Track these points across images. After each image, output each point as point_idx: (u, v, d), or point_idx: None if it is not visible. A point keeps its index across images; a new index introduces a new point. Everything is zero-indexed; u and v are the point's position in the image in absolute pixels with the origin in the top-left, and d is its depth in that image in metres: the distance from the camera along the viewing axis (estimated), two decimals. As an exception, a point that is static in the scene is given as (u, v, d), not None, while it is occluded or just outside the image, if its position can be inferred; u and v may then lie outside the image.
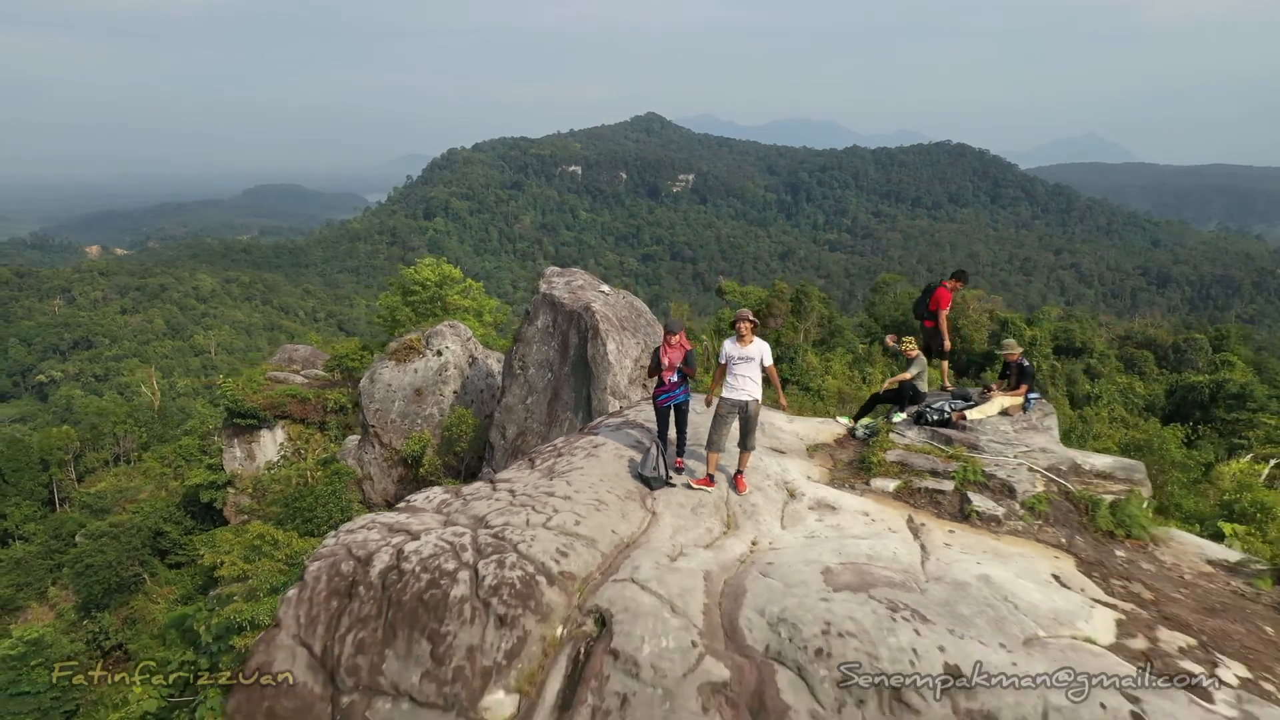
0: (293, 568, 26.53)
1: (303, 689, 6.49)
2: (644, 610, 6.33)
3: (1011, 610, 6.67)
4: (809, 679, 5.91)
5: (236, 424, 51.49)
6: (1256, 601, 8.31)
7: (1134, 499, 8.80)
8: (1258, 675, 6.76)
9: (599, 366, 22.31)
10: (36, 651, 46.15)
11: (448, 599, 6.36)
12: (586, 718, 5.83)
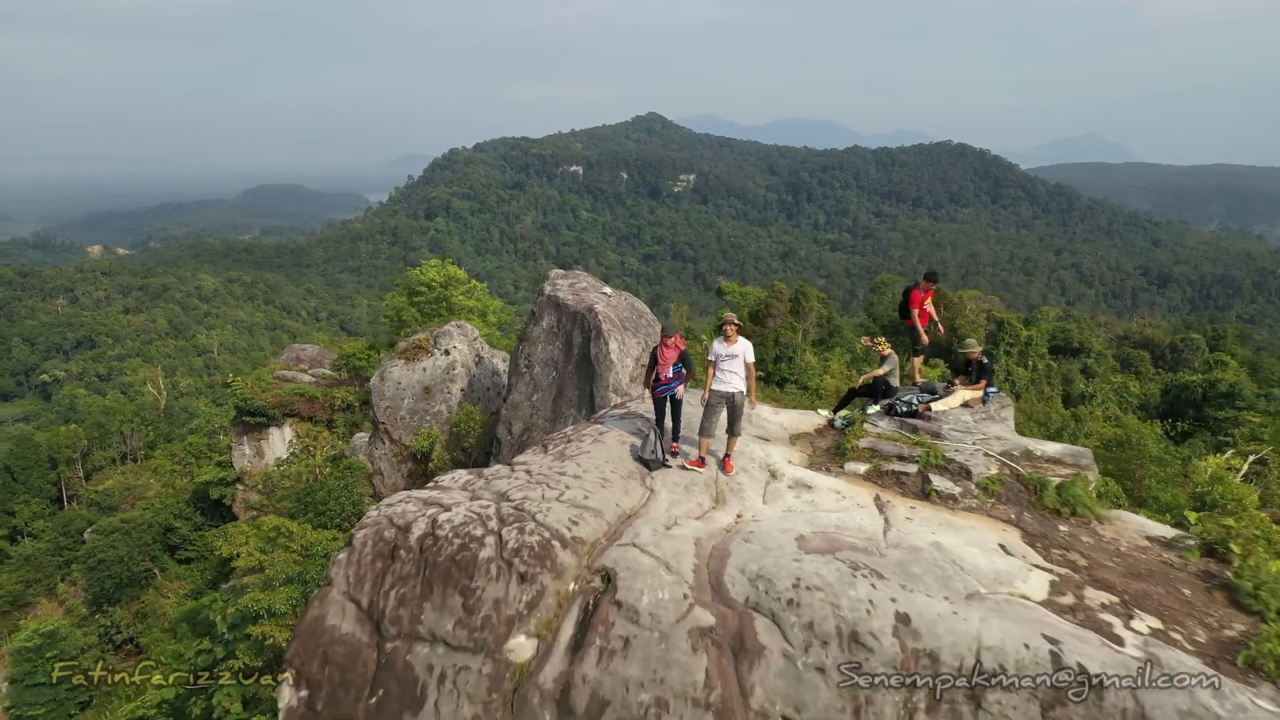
0: (308, 559, 27.65)
1: (351, 638, 7.65)
2: (643, 569, 7.49)
3: (957, 571, 7.80)
4: (781, 624, 7.06)
5: (246, 422, 52.56)
6: (1183, 570, 9.47)
7: (1079, 482, 9.94)
8: (1169, 627, 7.92)
9: (602, 365, 23.45)
10: (51, 644, 47.29)
11: (476, 559, 7.52)
12: (595, 656, 6.99)
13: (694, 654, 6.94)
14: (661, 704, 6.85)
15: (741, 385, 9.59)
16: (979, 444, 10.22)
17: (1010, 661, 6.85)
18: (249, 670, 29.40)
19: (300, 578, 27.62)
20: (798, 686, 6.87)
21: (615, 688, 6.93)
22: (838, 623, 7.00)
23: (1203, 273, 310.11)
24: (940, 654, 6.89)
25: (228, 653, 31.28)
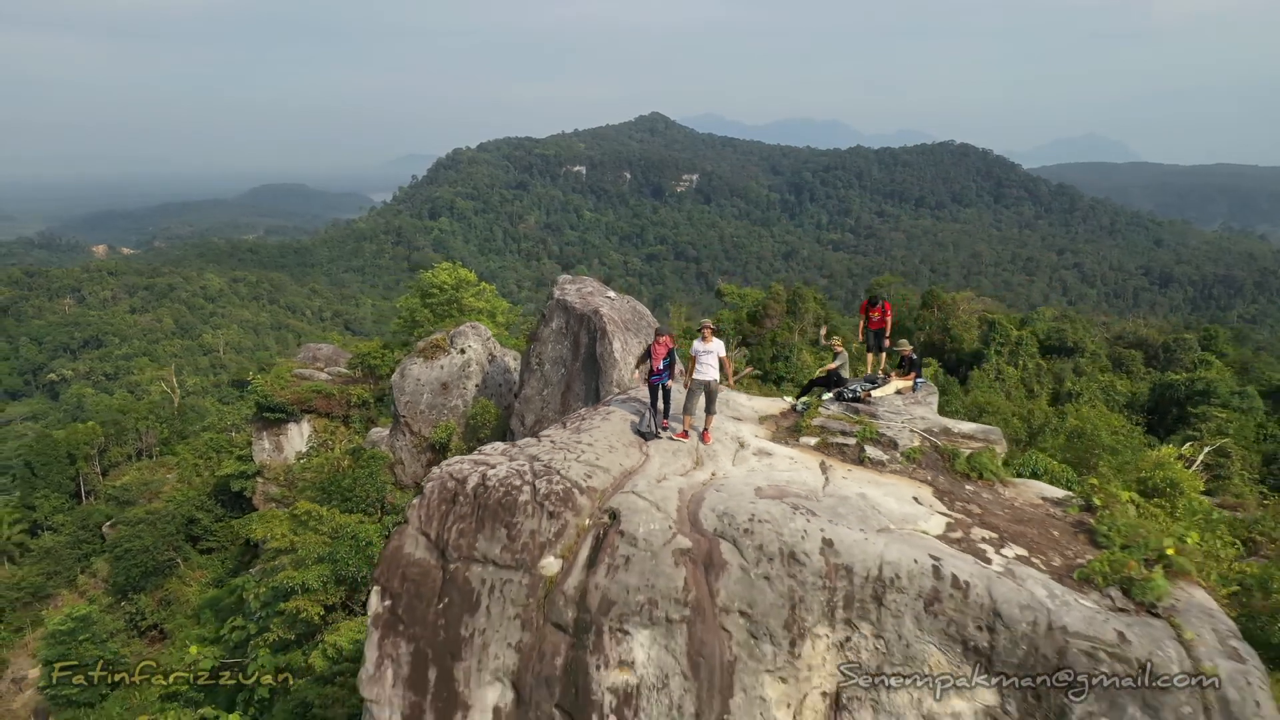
0: (336, 540, 30.31)
1: (423, 561, 10.36)
2: (640, 509, 10.18)
3: (874, 513, 10.49)
4: (740, 547, 9.76)
5: (265, 418, 55.28)
6: (1061, 520, 12.17)
7: (986, 453, 12.60)
8: (1032, 554, 10.64)
9: (606, 363, 26.17)
10: (84, 628, 49.95)
11: (516, 502, 10.22)
12: (604, 570, 9.69)
13: (676, 567, 9.65)
14: (653, 602, 9.56)
15: (716, 375, 12.30)
16: (906, 422, 12.92)
17: (903, 572, 9.57)
18: (283, 643, 32.22)
19: (330, 557, 30.40)
20: (750, 590, 9.58)
21: (619, 592, 9.63)
22: (780, 545, 9.71)
23: (1204, 273, 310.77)
24: (854, 567, 9.60)
25: (260, 628, 34.04)
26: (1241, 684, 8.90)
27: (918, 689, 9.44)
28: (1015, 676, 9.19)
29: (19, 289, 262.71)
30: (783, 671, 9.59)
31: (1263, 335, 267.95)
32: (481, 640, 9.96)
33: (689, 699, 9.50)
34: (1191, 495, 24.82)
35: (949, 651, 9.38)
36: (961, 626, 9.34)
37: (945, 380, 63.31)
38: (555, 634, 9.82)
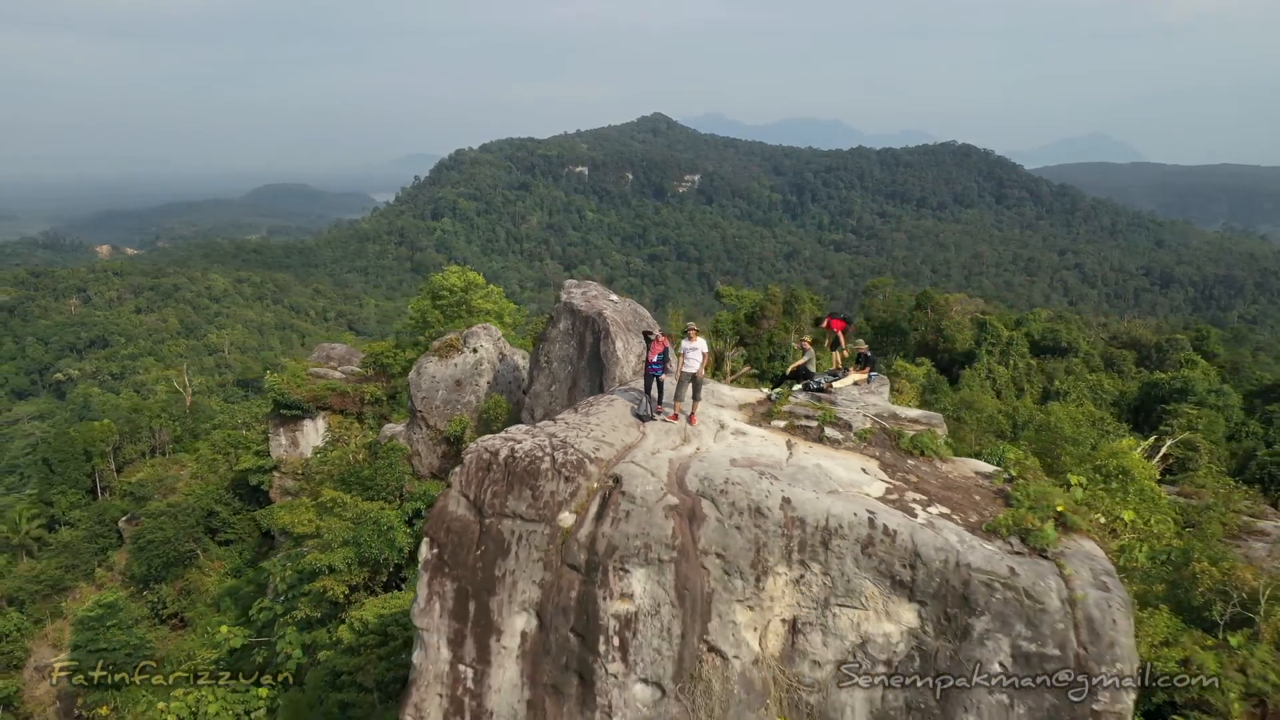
0: (359, 525, 32.91)
1: (464, 517, 12.97)
2: (638, 475, 12.78)
3: (827, 479, 13.09)
4: (716, 503, 12.37)
5: (282, 415, 57.89)
6: (986, 489, 14.79)
7: (928, 434, 15.19)
8: (953, 512, 13.27)
9: (609, 361, 28.81)
10: (112, 614, 52.54)
11: (539, 469, 12.82)
12: (609, 521, 12.30)
13: (666, 519, 12.28)
14: (647, 547, 12.18)
15: (699, 368, 14.91)
16: (860, 408, 15.52)
17: (845, 523, 12.20)
18: (308, 621, 34.87)
19: (355, 540, 33.05)
20: (724, 537, 12.22)
21: (621, 539, 12.25)
22: (748, 502, 12.34)
23: (1205, 273, 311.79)
24: (806, 519, 12.24)
25: (286, 609, 36.70)
26: (1104, 606, 11.54)
27: (856, 614, 12.10)
28: (931, 602, 11.84)
29: (25, 289, 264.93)
30: (750, 601, 12.24)
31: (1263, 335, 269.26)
32: (511, 579, 12.59)
33: (676, 623, 12.15)
34: (1142, 481, 27.46)
35: (880, 584, 12.02)
36: (890, 565, 11.97)
37: (936, 379, 65.75)
38: (570, 573, 12.46)
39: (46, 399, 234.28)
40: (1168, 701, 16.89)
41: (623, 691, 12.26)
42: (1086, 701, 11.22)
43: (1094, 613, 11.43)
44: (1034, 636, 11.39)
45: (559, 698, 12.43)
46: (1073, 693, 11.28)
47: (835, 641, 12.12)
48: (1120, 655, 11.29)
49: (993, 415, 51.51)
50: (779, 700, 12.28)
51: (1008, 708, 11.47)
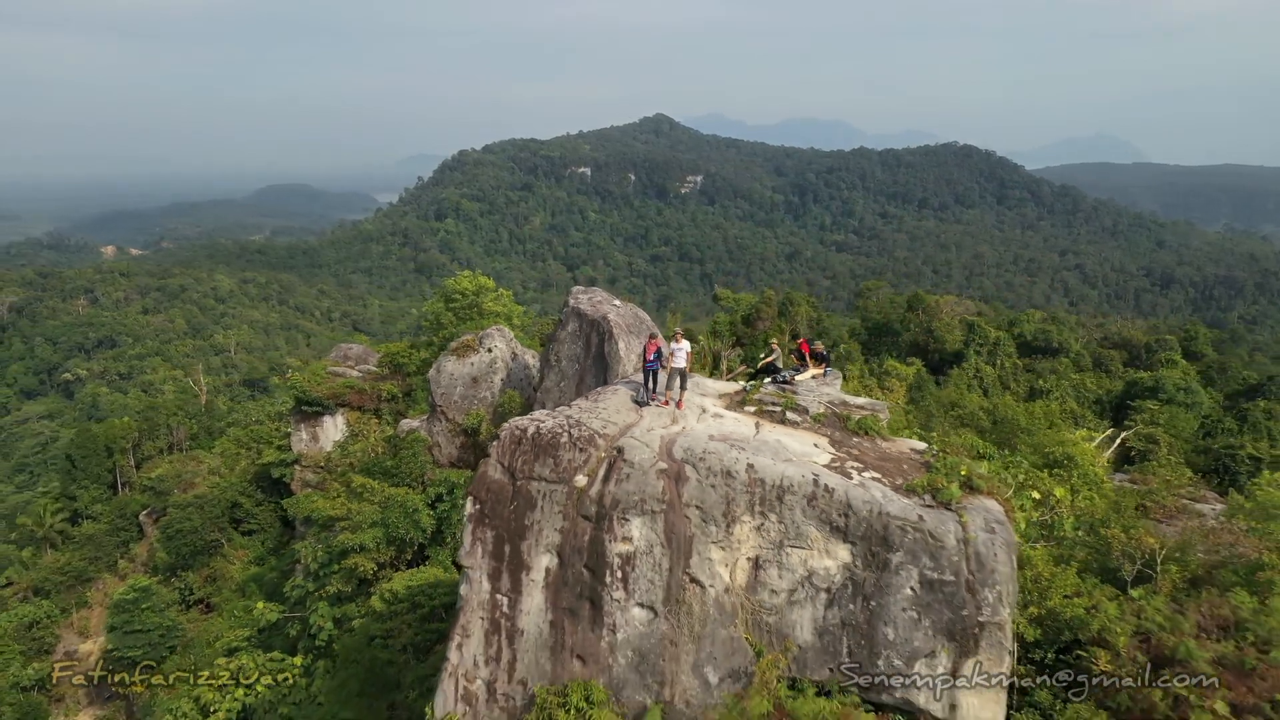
0: (386, 508, 36.63)
1: (500, 480, 16.71)
2: (636, 446, 16.53)
3: (784, 450, 16.81)
4: (696, 468, 16.12)
5: (304, 411, 61.55)
6: (915, 461, 18.53)
7: (871, 418, 18.91)
8: (883, 477, 17.03)
9: (613, 360, 32.51)
10: (145, 597, 56.37)
11: (559, 442, 16.56)
12: (614, 482, 16.04)
13: (657, 480, 16.04)
14: (643, 501, 15.91)
15: (685, 364, 18.62)
16: (817, 397, 19.27)
17: (795, 483, 15.96)
18: (338, 596, 38.67)
19: (382, 522, 36.87)
20: (702, 493, 15.97)
21: (623, 495, 15.99)
22: (721, 466, 16.10)
23: (1205, 274, 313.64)
24: (765, 480, 16.00)
25: (318, 586, 40.46)
26: (990, 545, 15.31)
27: (804, 553, 15.88)
28: (860, 542, 15.62)
29: (33, 290, 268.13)
30: (722, 543, 16.02)
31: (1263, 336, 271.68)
32: (537, 527, 16.33)
33: (665, 559, 15.91)
34: (1085, 466, 31.20)
35: (822, 530, 15.79)
36: (829, 514, 15.74)
37: (924, 378, 69.41)
38: (583, 522, 16.20)
39: (55, 398, 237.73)
40: (1074, 639, 20.59)
41: (624, 613, 16.03)
42: (973, 614, 15.00)
43: (981, 549, 15.20)
44: (935, 567, 15.15)
45: (575, 618, 16.20)
46: (964, 608, 15.07)
47: (788, 574, 15.89)
48: (999, 580, 15.08)
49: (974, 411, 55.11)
50: (744, 620, 16.07)
51: (916, 621, 15.25)
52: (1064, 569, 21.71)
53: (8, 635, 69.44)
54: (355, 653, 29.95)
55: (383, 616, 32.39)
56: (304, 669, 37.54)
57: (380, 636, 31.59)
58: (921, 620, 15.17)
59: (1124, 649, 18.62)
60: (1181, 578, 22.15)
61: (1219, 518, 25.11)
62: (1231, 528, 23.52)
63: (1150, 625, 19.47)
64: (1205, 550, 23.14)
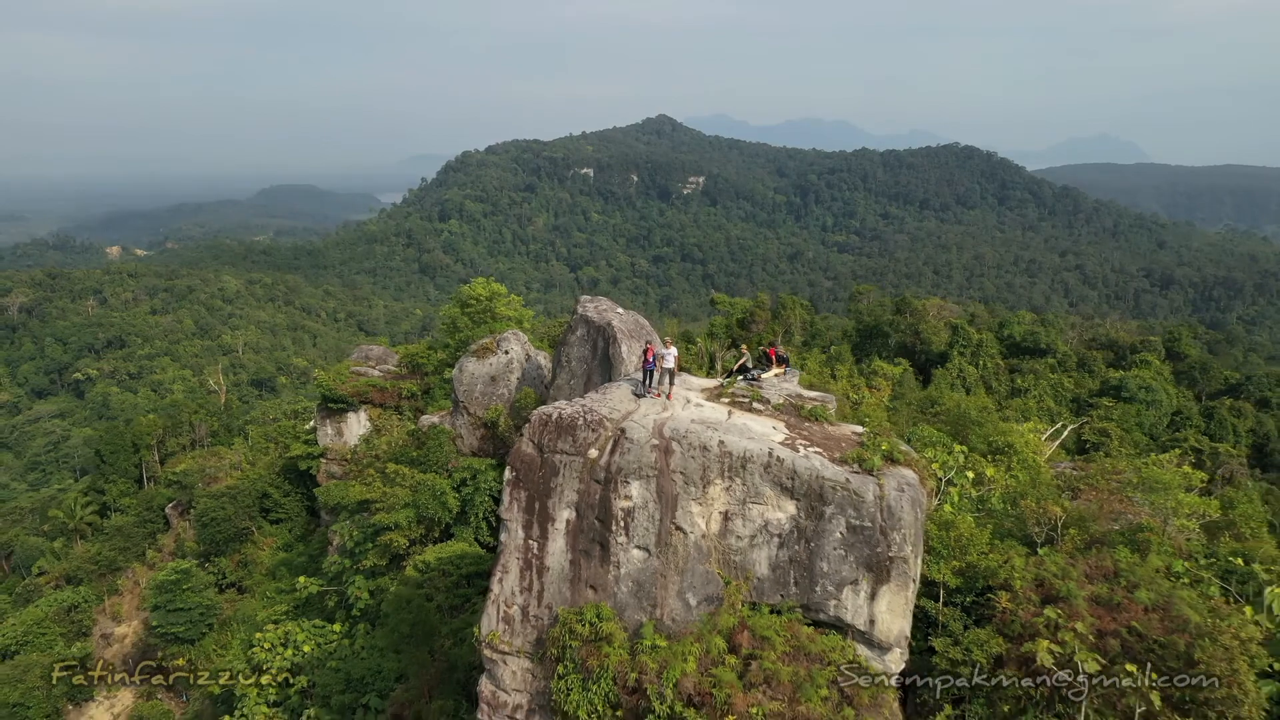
0: (417, 492, 41.91)
1: (532, 454, 22.06)
2: (635, 428, 21.86)
3: (748, 430, 22.14)
4: (680, 443, 21.45)
5: (330, 408, 66.99)
6: (854, 440, 23.96)
7: (820, 406, 24.27)
8: (824, 451, 22.47)
9: (616, 361, 37.87)
10: (186, 579, 61.74)
11: (576, 424, 21.87)
12: (618, 454, 21.33)
13: (651, 453, 21.43)
14: (640, 468, 21.28)
15: (673, 365, 24.00)
16: (778, 391, 24.66)
17: (755, 455, 21.35)
18: (375, 570, 44.09)
19: (413, 503, 42.30)
20: (684, 462, 21.35)
21: (625, 464, 21.37)
22: (699, 442, 21.50)
23: (1205, 275, 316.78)
24: (733, 452, 21.40)
25: (354, 561, 45.89)
26: (898, 499, 20.69)
27: (761, 507, 21.28)
28: (803, 499, 21.01)
29: (42, 290, 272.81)
30: (699, 500, 21.42)
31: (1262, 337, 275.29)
32: (560, 488, 21.74)
33: (657, 512, 21.32)
34: (1024, 453, 36.54)
35: (774, 489, 21.18)
36: (780, 478, 21.14)
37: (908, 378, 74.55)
38: (595, 484, 21.60)
39: (65, 398, 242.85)
40: (987, 586, 25.90)
41: (626, 553, 21.46)
42: (885, 551, 20.41)
43: (892, 503, 20.61)
44: (858, 516, 20.55)
45: (588, 557, 21.62)
46: (878, 547, 20.49)
47: (749, 524, 21.30)
48: (904, 525, 20.48)
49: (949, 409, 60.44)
50: (717, 559, 21.48)
51: (844, 557, 20.66)
52: (982, 531, 27.13)
53: (49, 619, 74.80)
54: (400, 606, 35.33)
55: (419, 582, 37.83)
56: (344, 633, 42.95)
57: (416, 598, 37.04)
58: (848, 556, 20.58)
59: (1021, 590, 23.92)
60: (1081, 539, 27.60)
61: (1116, 492, 30.46)
62: (1122, 499, 28.93)
63: (1046, 574, 24.78)
64: (1103, 518, 28.56)
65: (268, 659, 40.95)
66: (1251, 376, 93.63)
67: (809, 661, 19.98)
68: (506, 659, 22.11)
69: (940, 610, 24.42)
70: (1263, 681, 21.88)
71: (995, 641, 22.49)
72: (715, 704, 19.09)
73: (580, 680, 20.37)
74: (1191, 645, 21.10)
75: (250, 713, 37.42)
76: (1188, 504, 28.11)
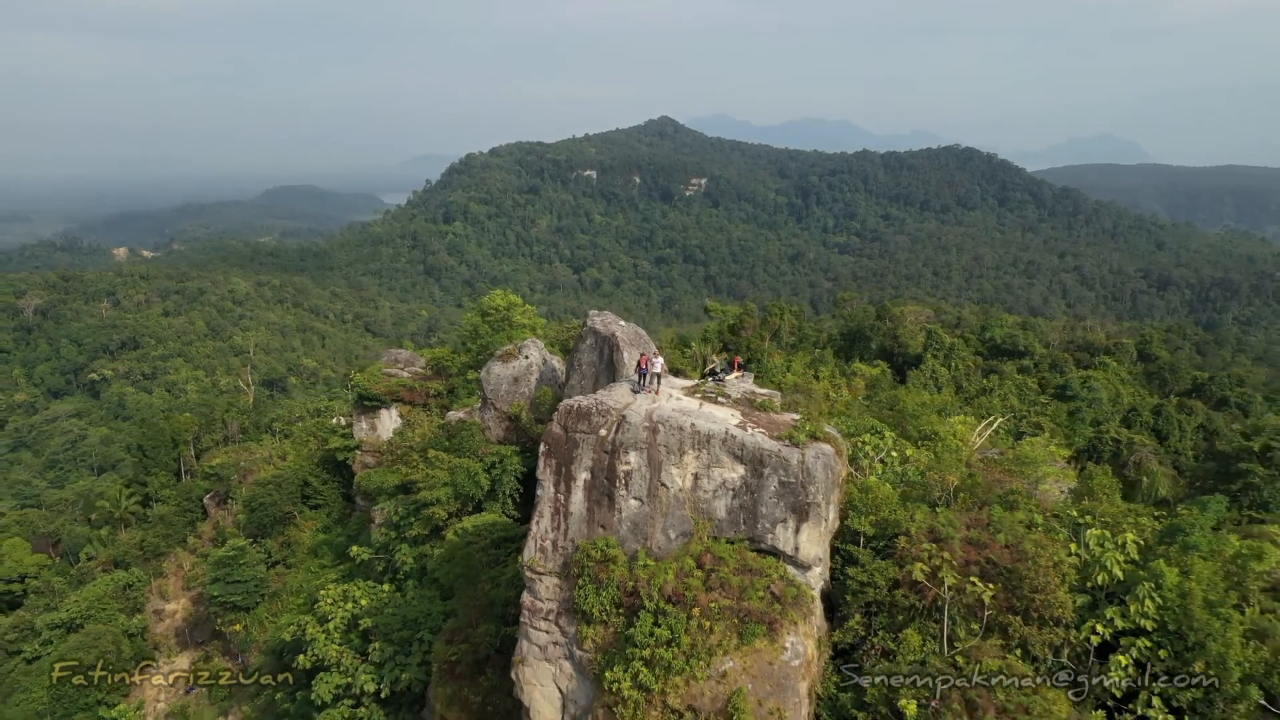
0: (454, 473, 51.41)
1: (560, 433, 31.63)
2: (632, 414, 31.41)
3: (713, 417, 31.68)
4: (664, 425, 31.10)
5: (365, 405, 76.76)
6: (789, 425, 33.70)
7: (768, 400, 33.78)
8: (768, 432, 32.26)
9: (619, 365, 47.53)
10: (242, 554, 71.44)
11: (591, 412, 31.40)
12: (620, 432, 30.90)
13: (644, 432, 31.07)
14: (636, 441, 30.87)
15: (660, 369, 33.54)
16: (736, 389, 34.33)
17: (716, 433, 31.02)
18: (419, 538, 53.79)
19: (450, 483, 51.97)
20: (666, 438, 30.99)
21: (625, 439, 30.98)
22: (677, 424, 31.16)
23: (1202, 276, 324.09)
24: (700, 432, 31.07)
25: (399, 533, 55.58)
26: (814, 464, 30.46)
27: (721, 470, 31.04)
28: (749, 464, 30.76)
29: (56, 292, 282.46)
30: (677, 465, 31.15)
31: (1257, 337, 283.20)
32: (580, 457, 31.45)
33: (647, 474, 31.04)
34: (947, 439, 46.15)
35: (730, 457, 30.93)
36: (733, 449, 30.88)
37: (881, 377, 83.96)
38: (603, 454, 31.28)
39: (81, 397, 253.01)
40: (894, 533, 35.47)
41: (625, 503, 31.19)
42: (804, 499, 30.14)
43: (810, 466, 30.32)
44: (786, 475, 30.26)
45: (599, 506, 31.36)
46: (800, 496, 30.20)
47: (712, 481, 31.01)
48: (817, 481, 30.19)
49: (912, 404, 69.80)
50: (689, 506, 31.20)
51: (777, 503, 30.38)
52: (892, 492, 36.80)
53: (108, 595, 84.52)
54: (449, 558, 45.07)
55: (463, 542, 47.52)
56: (393, 590, 52.69)
57: (459, 556, 46.76)
58: (779, 503, 30.30)
59: (915, 535, 33.50)
60: (970, 501, 37.28)
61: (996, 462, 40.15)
62: (1003, 469, 38.66)
63: (937, 524, 34.37)
64: (988, 485, 38.23)
65: (332, 610, 50.52)
66: (1214, 376, 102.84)
67: (752, 575, 29.70)
68: (542, 578, 31.89)
69: (859, 551, 34.02)
70: (1077, 594, 31.44)
71: (892, 569, 32.13)
72: (686, 601, 28.82)
73: (594, 589, 30.11)
74: (1025, 568, 30.72)
75: (321, 651, 46.86)
76: (1049, 474, 37.78)
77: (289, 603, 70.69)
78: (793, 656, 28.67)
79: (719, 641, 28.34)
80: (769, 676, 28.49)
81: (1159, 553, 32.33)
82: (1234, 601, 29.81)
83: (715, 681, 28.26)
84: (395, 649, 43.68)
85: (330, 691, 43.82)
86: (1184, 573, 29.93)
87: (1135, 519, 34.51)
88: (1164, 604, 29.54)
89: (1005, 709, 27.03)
